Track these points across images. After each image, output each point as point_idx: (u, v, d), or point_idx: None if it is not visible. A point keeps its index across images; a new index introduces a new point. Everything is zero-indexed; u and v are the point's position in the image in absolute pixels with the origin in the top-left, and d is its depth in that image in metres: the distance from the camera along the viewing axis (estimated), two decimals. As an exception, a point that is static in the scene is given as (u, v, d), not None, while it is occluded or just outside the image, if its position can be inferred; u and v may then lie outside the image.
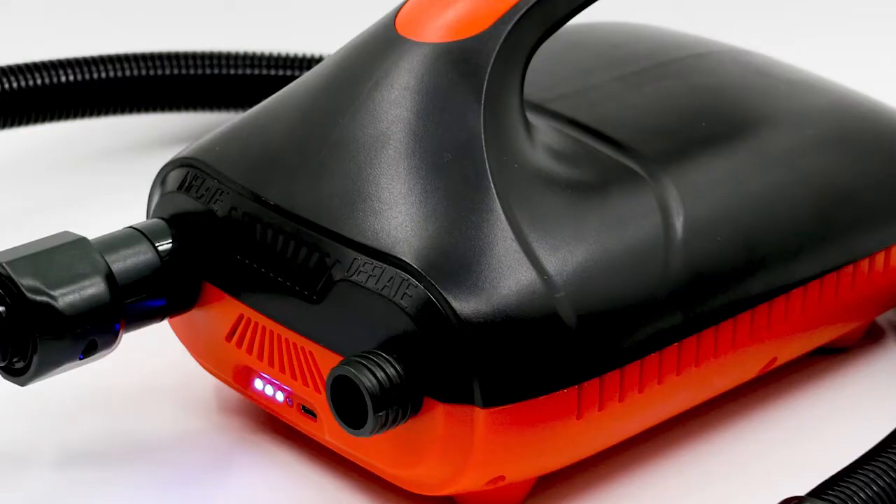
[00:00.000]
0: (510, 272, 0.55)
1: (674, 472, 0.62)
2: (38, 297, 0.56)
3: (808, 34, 1.00)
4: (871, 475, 0.57)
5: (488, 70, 0.59)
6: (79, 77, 0.81)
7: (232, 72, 0.85)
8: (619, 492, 0.61)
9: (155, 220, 0.61)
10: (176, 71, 0.84)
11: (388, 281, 0.55)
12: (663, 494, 0.61)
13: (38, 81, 0.79)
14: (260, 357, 0.60)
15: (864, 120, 0.68)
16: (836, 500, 0.56)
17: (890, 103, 0.70)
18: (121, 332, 0.59)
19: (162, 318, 0.61)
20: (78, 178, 0.83)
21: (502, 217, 0.56)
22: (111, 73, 0.82)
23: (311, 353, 0.58)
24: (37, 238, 0.59)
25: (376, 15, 0.62)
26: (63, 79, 0.80)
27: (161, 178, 0.62)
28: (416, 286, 0.55)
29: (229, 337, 0.61)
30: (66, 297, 0.57)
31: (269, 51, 0.86)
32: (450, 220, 0.56)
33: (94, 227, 0.62)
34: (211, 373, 0.63)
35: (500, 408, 0.55)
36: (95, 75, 0.81)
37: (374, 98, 0.59)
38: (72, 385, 0.63)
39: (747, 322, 0.61)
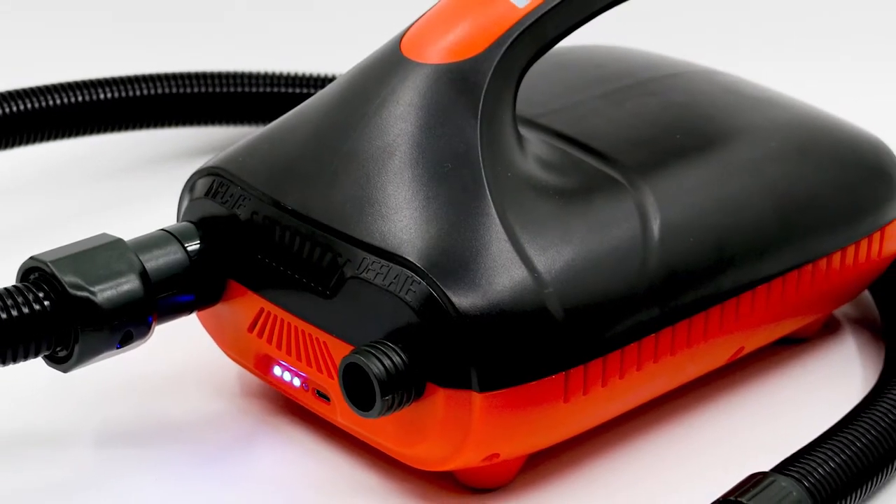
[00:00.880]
0: (504, 270, 0.55)
1: (651, 450, 0.62)
2: (80, 293, 0.57)
3: (770, 56, 1.00)
4: (829, 453, 0.57)
5: (484, 88, 0.59)
6: (116, 95, 0.81)
7: (253, 90, 0.85)
8: (603, 468, 0.61)
9: (184, 223, 0.61)
10: (203, 89, 0.84)
11: (394, 278, 0.55)
12: (642, 470, 0.61)
13: (80, 98, 0.79)
14: (279, 346, 0.60)
15: (822, 133, 0.68)
16: (797, 475, 0.56)
17: (845, 118, 0.70)
18: (154, 324, 0.59)
19: (191, 312, 0.61)
20: (115, 185, 0.83)
21: (497, 221, 0.56)
22: (145, 91, 0.82)
23: (324, 343, 0.58)
24: (78, 239, 0.59)
25: (383, 37, 0.62)
26: (102, 96, 0.80)
27: (190, 185, 0.62)
28: (420, 283, 0.55)
29: (251, 328, 0.61)
30: (105, 293, 0.57)
31: (286, 71, 0.86)
32: (450, 223, 0.56)
33: (130, 229, 0.62)
34: (234, 360, 0.63)
35: (495, 392, 0.55)
36: (131, 93, 0.81)
37: (382, 114, 0.59)
38: (110, 372, 0.63)
39: (717, 315, 0.61)
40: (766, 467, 0.57)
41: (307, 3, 1.06)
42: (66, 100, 0.79)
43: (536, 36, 0.60)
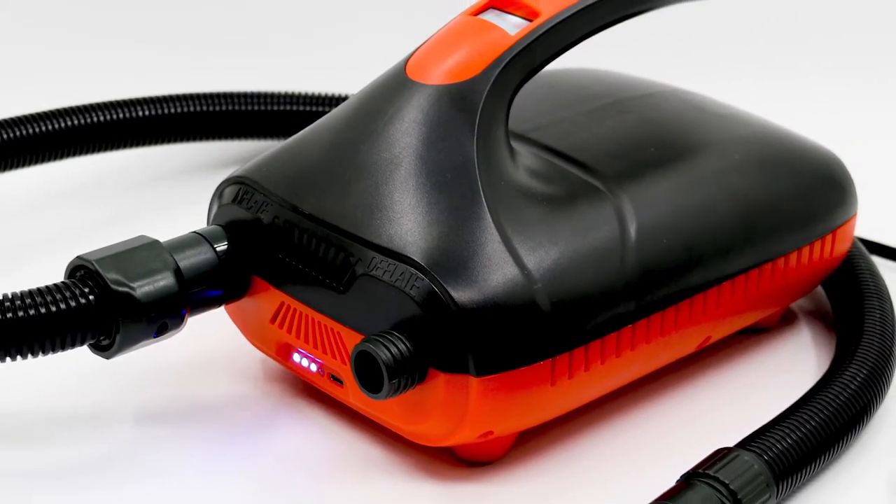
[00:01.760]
0: (498, 268, 0.55)
1: (629, 428, 0.62)
2: (121, 288, 0.57)
3: (734, 77, 1.00)
4: (786, 431, 0.57)
5: (480, 107, 0.59)
6: (153, 112, 0.81)
7: (273, 108, 0.85)
8: (586, 444, 0.61)
9: (213, 226, 0.62)
10: (231, 107, 0.83)
11: (400, 275, 0.55)
12: (621, 446, 0.61)
13: (120, 115, 0.79)
14: (297, 336, 0.60)
15: (780, 146, 0.68)
16: (758, 450, 0.56)
17: (801, 133, 0.70)
18: (186, 316, 0.59)
19: (219, 305, 0.61)
20: (152, 193, 0.83)
21: (491, 224, 0.56)
22: (177, 109, 0.82)
23: (338, 332, 0.58)
24: (119, 240, 0.59)
25: (390, 61, 0.62)
26: (140, 113, 0.80)
27: (218, 192, 0.63)
28: (423, 279, 0.55)
29: (273, 320, 0.61)
30: (143, 288, 0.57)
31: (303, 91, 0.86)
32: (450, 226, 0.56)
33: (165, 231, 0.62)
34: (258, 348, 0.63)
35: (490, 376, 0.55)
36: (166, 110, 0.81)
37: (389, 129, 0.59)
38: (147, 359, 0.63)
39: (687, 308, 0.61)
40: (731, 443, 0.57)
41: (323, 30, 1.06)
42: (107, 117, 0.79)
43: (526, 60, 0.60)
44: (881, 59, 1.02)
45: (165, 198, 0.83)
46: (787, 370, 0.67)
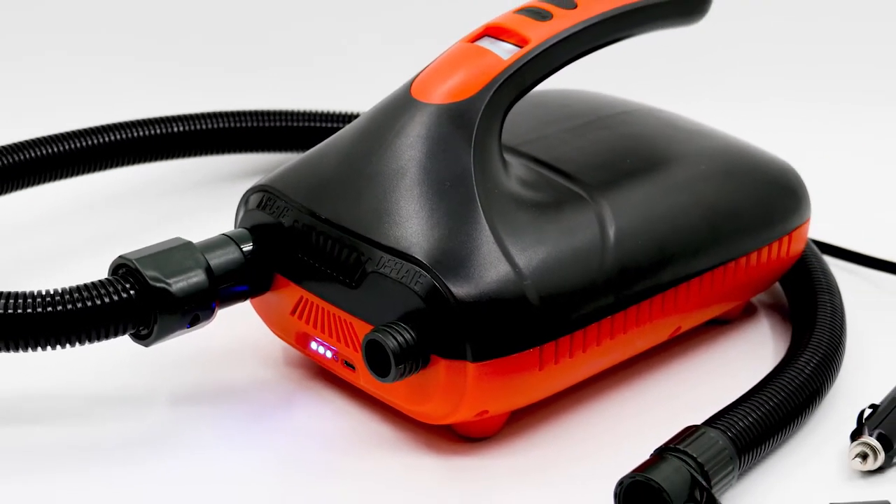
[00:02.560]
0: (492, 266, 0.56)
1: (609, 408, 0.62)
2: (158, 284, 0.57)
3: (702, 96, 1.00)
4: (748, 410, 0.57)
5: (476, 123, 0.59)
6: (186, 128, 0.81)
7: (294, 124, 0.85)
8: (571, 422, 0.61)
9: (240, 229, 0.62)
10: (255, 123, 0.83)
11: (406, 272, 0.55)
12: (601, 424, 0.61)
13: (156, 131, 0.79)
14: (314, 326, 0.60)
15: (742, 158, 0.68)
16: (722, 428, 0.56)
17: (760, 146, 0.70)
18: (216, 308, 0.59)
19: (245, 299, 0.61)
20: (186, 199, 0.83)
21: (486, 227, 0.56)
22: (208, 125, 0.82)
23: (350, 323, 0.58)
24: (156, 242, 0.59)
25: (396, 82, 0.62)
26: (174, 129, 0.80)
27: (244, 199, 0.63)
28: (426, 276, 0.55)
29: (293, 312, 0.61)
30: (178, 284, 0.57)
31: (319, 109, 0.86)
32: (449, 229, 0.56)
33: (197, 233, 0.62)
34: (280, 337, 0.63)
35: (485, 362, 0.55)
36: (198, 126, 0.81)
37: (396, 143, 0.59)
38: (181, 346, 0.63)
39: (659, 302, 0.61)
40: (699, 421, 0.57)
41: (337, 54, 1.06)
42: (145, 132, 0.79)
43: (517, 82, 0.60)
44: (831, 82, 1.03)
45: (197, 204, 0.83)
46: (749, 357, 0.67)
